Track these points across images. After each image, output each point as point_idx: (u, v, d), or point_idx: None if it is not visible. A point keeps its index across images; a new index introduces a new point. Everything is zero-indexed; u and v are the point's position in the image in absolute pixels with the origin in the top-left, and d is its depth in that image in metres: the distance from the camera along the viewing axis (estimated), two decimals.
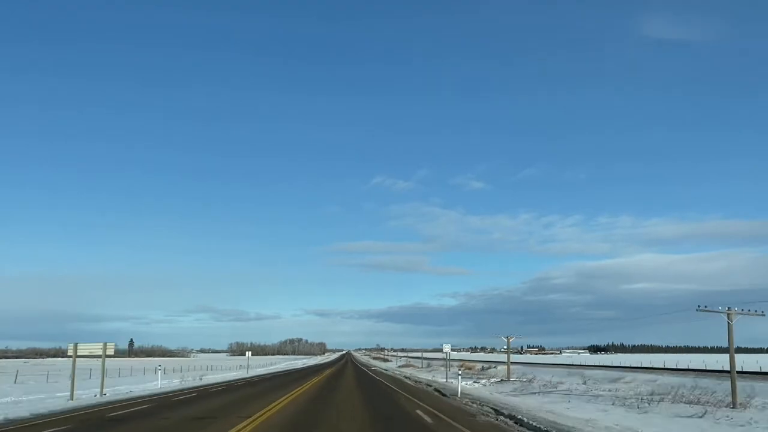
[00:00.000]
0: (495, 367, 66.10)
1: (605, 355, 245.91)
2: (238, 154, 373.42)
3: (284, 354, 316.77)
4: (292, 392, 28.09)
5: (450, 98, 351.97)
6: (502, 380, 39.97)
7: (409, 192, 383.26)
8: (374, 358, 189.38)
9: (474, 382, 41.49)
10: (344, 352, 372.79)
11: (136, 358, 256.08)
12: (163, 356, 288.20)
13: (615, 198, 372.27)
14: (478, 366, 75.21)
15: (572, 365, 69.33)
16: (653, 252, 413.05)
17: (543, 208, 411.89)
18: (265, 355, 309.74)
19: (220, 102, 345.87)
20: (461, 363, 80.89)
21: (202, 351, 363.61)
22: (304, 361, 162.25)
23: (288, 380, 42.00)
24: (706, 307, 19.61)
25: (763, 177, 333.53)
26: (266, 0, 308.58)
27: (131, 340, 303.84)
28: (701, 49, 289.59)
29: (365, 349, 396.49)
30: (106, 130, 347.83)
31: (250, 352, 60.90)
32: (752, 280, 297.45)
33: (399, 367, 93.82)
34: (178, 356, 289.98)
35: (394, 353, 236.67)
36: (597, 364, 78.87)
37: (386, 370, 65.54)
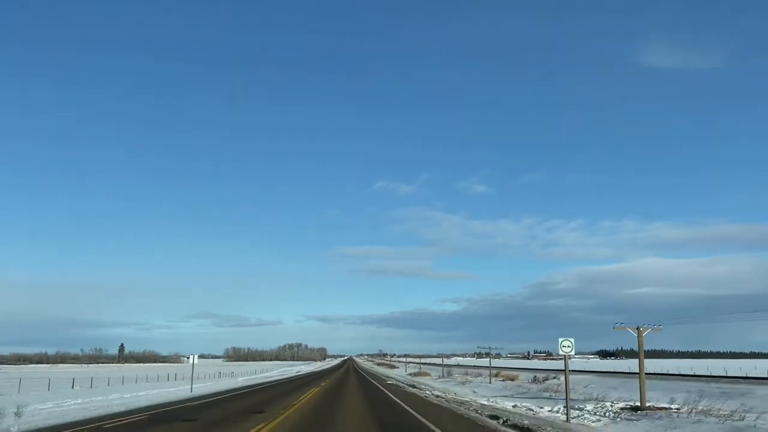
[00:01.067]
0: (555, 377, 47.05)
1: (618, 361, 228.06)
2: (240, 159, 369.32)
3: (282, 360, 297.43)
4: None
5: (454, 103, 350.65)
6: (635, 409, 20.91)
7: (412, 196, 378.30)
8: (378, 364, 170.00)
9: (578, 409, 22.57)
10: (346, 357, 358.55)
11: (126, 365, 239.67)
12: (155, 362, 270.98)
13: (618, 202, 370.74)
14: (520, 376, 56.22)
15: (669, 374, 50.62)
16: (657, 256, 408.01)
17: (546, 212, 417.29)
18: (263, 360, 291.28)
19: (221, 107, 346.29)
20: (496, 372, 61.68)
21: (202, 356, 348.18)
22: (300, 367, 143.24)
23: (244, 407, 23.25)
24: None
25: None
26: (271, 9, 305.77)
27: (121, 345, 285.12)
28: (704, 60, 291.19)
29: (367, 355, 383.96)
30: (109, 135, 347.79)
31: (195, 356, 41.43)
32: (756, 284, 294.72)
33: (412, 375, 74.75)
34: (171, 362, 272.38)
35: (398, 359, 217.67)
36: (662, 372, 59.72)
37: (418, 388, 44.68)
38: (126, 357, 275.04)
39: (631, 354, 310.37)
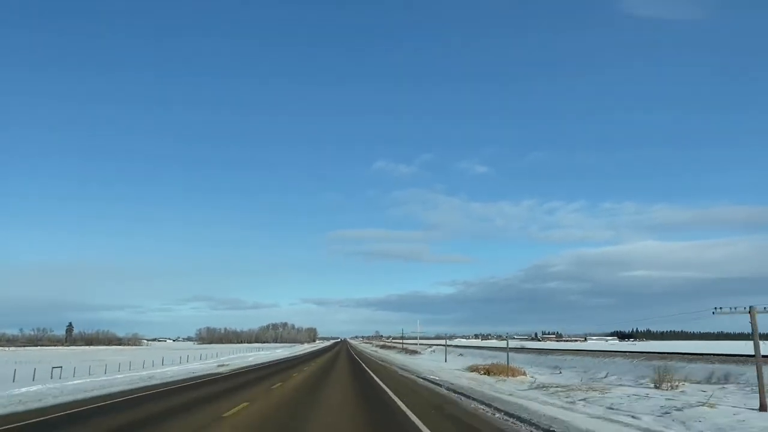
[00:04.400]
0: None
1: (653, 342, 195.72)
2: (237, 143, 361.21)
3: (263, 342, 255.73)
4: None
5: (455, 82, 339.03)
6: None
7: (412, 177, 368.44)
8: (383, 347, 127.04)
9: None
10: (339, 340, 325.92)
11: (72, 347, 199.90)
12: (109, 344, 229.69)
13: (620, 183, 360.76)
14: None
15: None
16: (656, 239, 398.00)
17: (547, 194, 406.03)
18: (240, 342, 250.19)
19: (219, 90, 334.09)
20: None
21: (189, 339, 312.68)
22: (277, 352, 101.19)
23: None
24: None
25: None
26: None
27: (69, 325, 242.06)
28: (708, 39, 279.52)
29: (363, 337, 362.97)
30: (106, 120, 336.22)
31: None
32: (752, 267, 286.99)
33: (487, 376, 31.65)
34: (128, 344, 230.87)
35: (412, 341, 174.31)
36: None
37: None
38: (75, 338, 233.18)
39: (649, 335, 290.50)
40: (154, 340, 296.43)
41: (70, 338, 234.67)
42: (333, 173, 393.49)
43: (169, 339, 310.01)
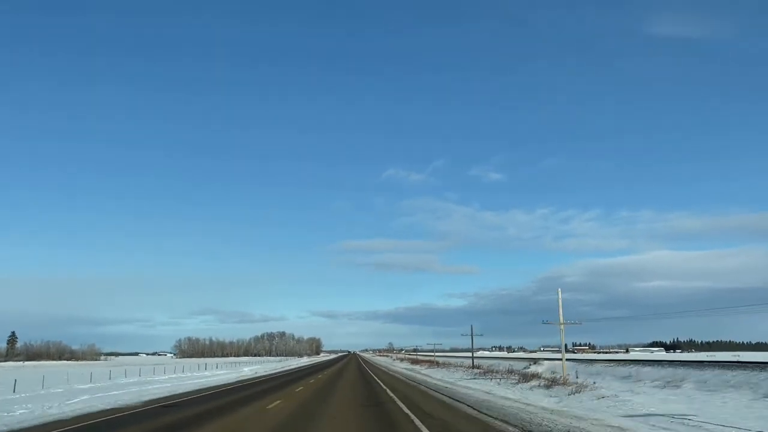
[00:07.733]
0: None
1: (705, 353, 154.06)
2: (243, 152, 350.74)
3: (254, 355, 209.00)
4: None
5: (469, 88, 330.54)
6: None
7: (423, 185, 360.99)
8: (413, 363, 79.39)
9: None
10: (347, 353, 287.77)
11: (10, 363, 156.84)
12: (60, 358, 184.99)
13: (636, 190, 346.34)
14: None
15: None
16: (671, 248, 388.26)
17: (561, 202, 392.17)
18: (226, 356, 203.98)
19: (224, 102, 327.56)
20: None
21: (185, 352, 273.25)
22: (244, 371, 54.54)
23: None
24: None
25: None
26: (279, 2, 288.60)
27: (12, 334, 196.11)
28: (723, 49, 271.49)
29: (374, 350, 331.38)
30: (113, 133, 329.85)
31: None
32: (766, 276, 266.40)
33: None
34: (84, 359, 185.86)
35: (409, 353, 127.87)
36: None
37: None
38: (18, 352, 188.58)
39: (694, 345, 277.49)
40: (154, 353, 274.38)
41: (12, 351, 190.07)
42: (344, 182, 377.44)
43: (171, 353, 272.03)
